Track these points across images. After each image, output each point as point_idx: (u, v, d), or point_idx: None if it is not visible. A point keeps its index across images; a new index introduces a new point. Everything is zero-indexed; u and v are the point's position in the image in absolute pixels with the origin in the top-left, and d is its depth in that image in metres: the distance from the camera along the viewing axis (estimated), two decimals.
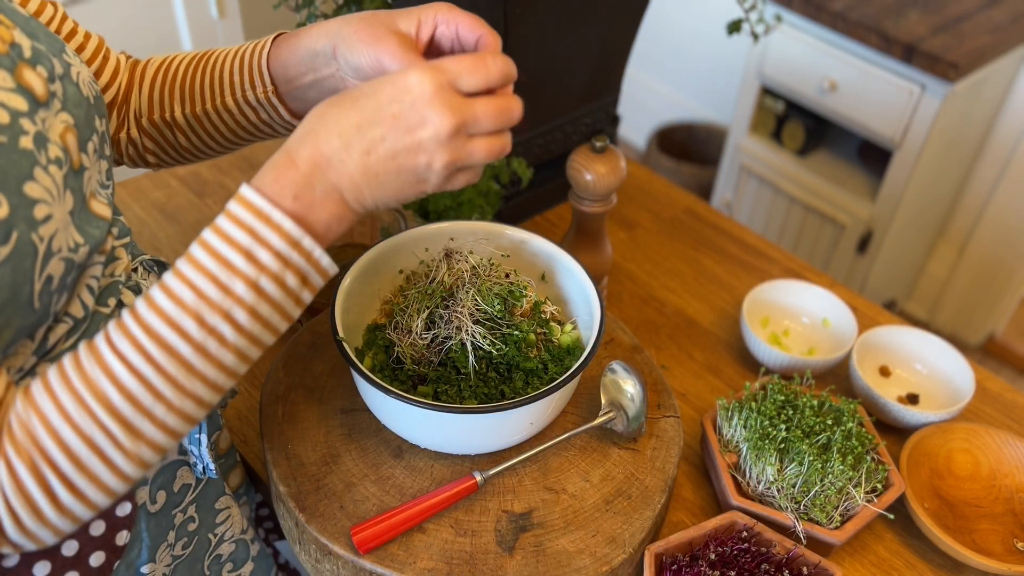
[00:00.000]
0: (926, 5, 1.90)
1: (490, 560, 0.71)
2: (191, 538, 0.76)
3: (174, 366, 0.54)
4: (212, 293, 0.54)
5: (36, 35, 0.62)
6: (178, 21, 2.09)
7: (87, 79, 0.66)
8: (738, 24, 1.19)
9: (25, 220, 0.54)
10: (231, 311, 0.54)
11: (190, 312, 0.54)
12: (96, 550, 0.67)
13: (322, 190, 0.56)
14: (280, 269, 0.55)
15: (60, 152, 0.58)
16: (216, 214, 1.22)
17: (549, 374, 0.78)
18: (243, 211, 0.55)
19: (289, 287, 0.56)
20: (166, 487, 0.72)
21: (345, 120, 0.56)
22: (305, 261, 0.56)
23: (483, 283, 0.79)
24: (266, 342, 0.58)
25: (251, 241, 0.54)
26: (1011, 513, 0.87)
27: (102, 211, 0.64)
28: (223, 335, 0.55)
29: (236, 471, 0.84)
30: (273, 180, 0.56)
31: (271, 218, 0.55)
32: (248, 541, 0.83)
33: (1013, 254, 2.16)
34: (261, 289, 0.55)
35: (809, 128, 2.12)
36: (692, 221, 1.26)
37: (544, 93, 1.10)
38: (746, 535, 0.77)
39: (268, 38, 0.76)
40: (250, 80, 0.75)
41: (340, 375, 0.84)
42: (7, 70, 0.56)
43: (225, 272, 0.54)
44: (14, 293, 0.54)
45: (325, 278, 0.58)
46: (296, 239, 0.55)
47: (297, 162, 0.56)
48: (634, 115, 2.96)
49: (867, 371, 1.01)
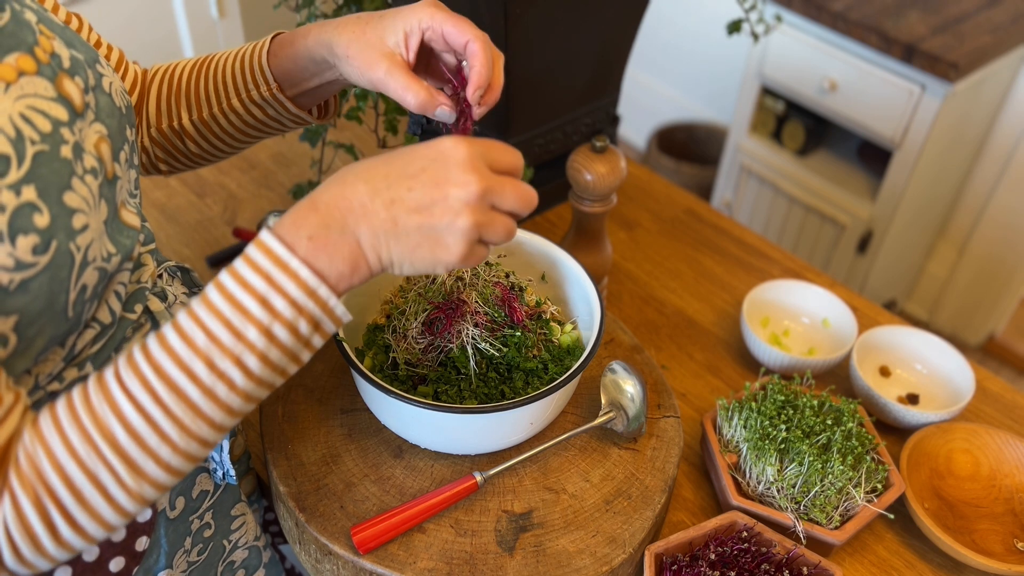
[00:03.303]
0: (926, 5, 1.90)
1: (490, 560, 0.71)
2: (206, 544, 0.76)
3: (181, 408, 0.54)
4: (224, 337, 0.53)
5: (74, 44, 0.62)
6: (178, 21, 2.09)
7: (119, 89, 0.66)
8: (738, 24, 1.19)
9: (64, 229, 0.54)
10: (242, 356, 0.54)
11: (201, 355, 0.53)
12: (116, 555, 0.67)
13: (339, 234, 0.55)
14: (294, 316, 0.54)
15: (95, 162, 0.59)
16: (217, 215, 1.23)
17: (549, 374, 0.78)
18: (261, 256, 0.54)
19: (301, 334, 0.55)
20: (185, 493, 0.72)
21: (375, 171, 0.56)
22: (320, 309, 0.55)
23: (484, 285, 0.79)
24: (274, 385, 0.57)
25: (267, 287, 0.54)
26: (1011, 513, 0.87)
27: (132, 220, 0.64)
28: (232, 380, 0.54)
29: (248, 477, 0.85)
30: (291, 223, 0.55)
31: (288, 265, 0.54)
32: (260, 548, 0.83)
33: (1013, 254, 2.16)
34: (273, 336, 0.54)
35: (809, 128, 2.12)
36: (692, 221, 1.26)
37: (544, 93, 1.10)
38: (746, 535, 0.77)
39: (266, 39, 0.77)
40: (252, 80, 0.76)
41: (340, 375, 0.84)
42: (48, 80, 0.57)
43: (239, 317, 0.53)
44: (50, 302, 0.54)
45: (339, 326, 0.57)
46: (312, 288, 0.54)
47: (318, 206, 0.56)
48: (634, 115, 2.96)
49: (867, 371, 1.01)
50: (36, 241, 0.52)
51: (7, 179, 0.52)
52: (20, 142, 0.53)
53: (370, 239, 0.56)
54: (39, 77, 0.56)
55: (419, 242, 0.56)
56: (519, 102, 1.06)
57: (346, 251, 0.55)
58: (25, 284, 0.52)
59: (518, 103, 1.06)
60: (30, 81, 0.56)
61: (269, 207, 1.24)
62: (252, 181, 1.29)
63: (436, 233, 0.56)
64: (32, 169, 0.53)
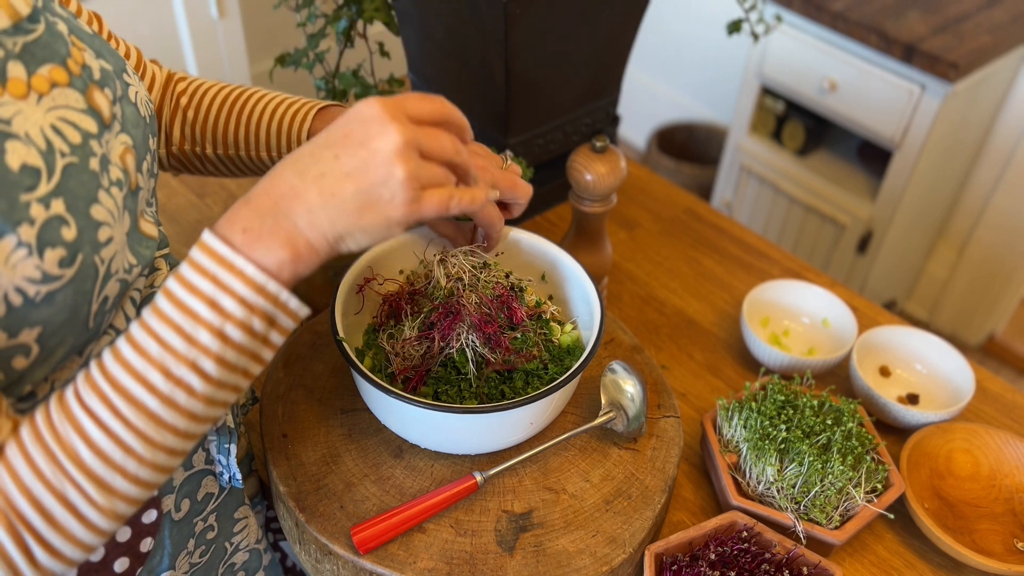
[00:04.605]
0: (926, 5, 1.90)
1: (490, 560, 0.71)
2: (209, 546, 0.76)
3: (142, 420, 0.53)
4: (177, 344, 0.52)
5: (103, 54, 0.63)
6: (178, 21, 2.09)
7: (144, 98, 0.66)
8: (738, 24, 1.19)
9: (90, 243, 0.54)
10: (197, 361, 0.53)
11: (156, 364, 0.52)
12: (120, 556, 0.67)
13: (273, 221, 0.54)
14: (246, 315, 0.53)
15: (121, 174, 0.59)
16: (217, 215, 1.23)
17: (549, 374, 0.78)
18: (203, 256, 0.53)
19: (257, 332, 0.54)
20: (191, 495, 0.72)
21: (299, 154, 0.56)
22: (271, 304, 0.54)
23: (484, 286, 0.79)
24: (238, 387, 0.56)
25: (214, 288, 0.53)
26: (1011, 513, 0.87)
27: (150, 230, 0.64)
28: (191, 385, 0.53)
29: (251, 479, 0.85)
30: (226, 220, 0.55)
31: (232, 263, 0.53)
32: (262, 551, 0.83)
33: (1013, 254, 2.16)
34: (227, 337, 0.53)
35: (809, 128, 2.12)
36: (692, 221, 1.26)
37: (544, 93, 1.10)
38: (746, 535, 0.77)
39: (309, 112, 0.77)
40: (287, 146, 0.77)
41: (340, 375, 0.84)
42: (80, 92, 0.57)
43: (189, 321, 0.53)
44: (73, 314, 0.54)
45: (295, 320, 0.56)
46: (260, 283, 0.53)
47: (250, 199, 0.55)
48: (634, 115, 2.96)
49: (867, 371, 1.01)
50: (63, 254, 0.52)
51: (37, 192, 0.52)
52: (51, 154, 0.53)
53: (308, 218, 0.54)
54: (71, 89, 0.56)
55: (361, 206, 0.54)
56: (519, 102, 1.06)
57: (283, 237, 0.54)
58: (51, 296, 0.52)
59: (518, 103, 1.06)
60: (62, 93, 0.56)
61: None
62: (252, 181, 1.29)
63: (375, 192, 0.54)
64: (62, 182, 0.53)
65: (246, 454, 0.83)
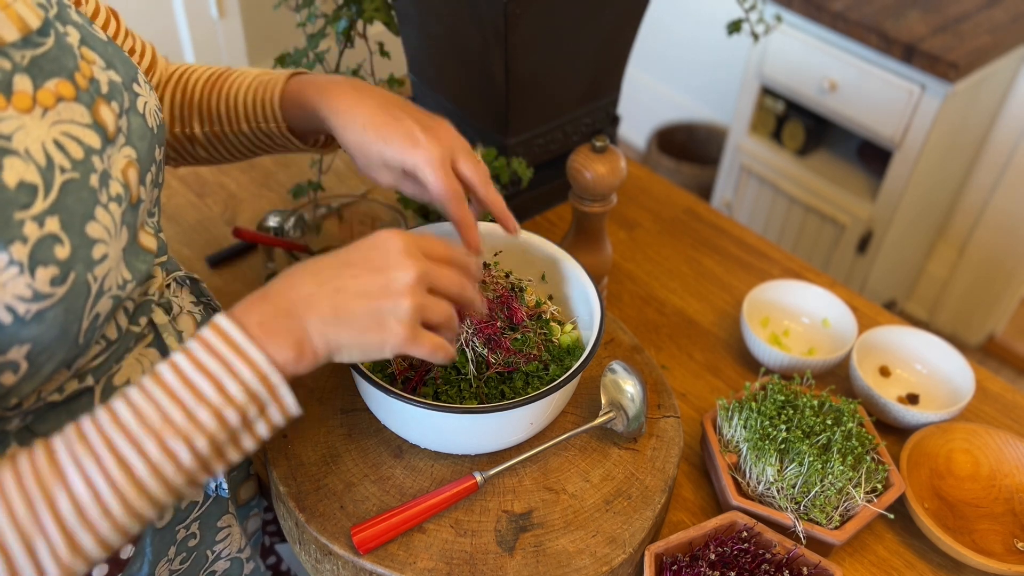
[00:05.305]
0: (926, 5, 1.90)
1: (490, 560, 0.71)
2: (190, 554, 0.76)
3: (127, 483, 0.53)
4: (176, 417, 0.53)
5: (113, 63, 0.62)
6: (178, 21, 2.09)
7: (153, 108, 0.66)
8: (738, 24, 1.19)
9: (83, 261, 0.54)
10: (191, 437, 0.54)
11: (152, 432, 0.53)
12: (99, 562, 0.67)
13: (287, 320, 0.57)
14: (245, 401, 0.55)
15: (121, 188, 0.59)
16: (217, 215, 1.23)
17: (549, 374, 0.78)
18: (218, 340, 0.55)
19: (248, 418, 0.56)
20: (175, 504, 0.72)
21: (320, 265, 0.59)
22: (268, 394, 0.56)
23: (484, 287, 0.79)
24: (214, 470, 0.57)
25: (221, 370, 0.54)
26: (1011, 513, 0.87)
27: (149, 243, 0.64)
28: (180, 459, 0.54)
29: (248, 484, 0.85)
30: (243, 310, 0.57)
31: (243, 349, 0.55)
32: (244, 560, 0.83)
33: (1013, 254, 2.16)
34: (224, 419, 0.54)
35: (809, 128, 2.12)
36: (692, 221, 1.26)
37: (544, 93, 1.10)
38: (746, 535, 0.77)
39: (279, 80, 0.78)
40: (263, 115, 0.78)
41: (340, 375, 0.84)
42: (86, 106, 0.57)
43: (192, 398, 0.54)
44: (63, 331, 0.54)
45: (285, 416, 0.58)
46: (265, 373, 0.55)
47: (269, 296, 0.57)
48: (634, 115, 2.96)
49: (867, 371, 1.01)
50: (55, 273, 0.52)
51: (32, 210, 0.51)
52: (49, 171, 0.53)
53: (319, 327, 0.57)
54: (76, 103, 0.56)
55: (366, 326, 0.58)
56: (519, 102, 1.06)
57: (293, 339, 0.56)
58: (41, 314, 0.52)
59: (518, 103, 1.06)
60: (67, 107, 0.56)
61: (269, 207, 1.24)
62: (252, 181, 1.29)
63: (381, 316, 0.58)
64: (58, 199, 0.53)
65: (243, 460, 0.83)
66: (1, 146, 0.51)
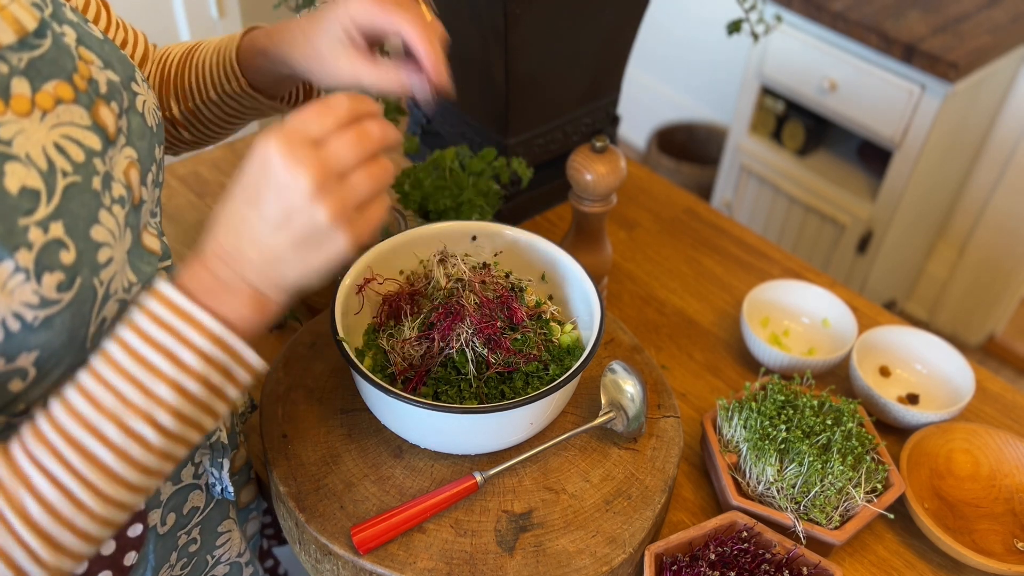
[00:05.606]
0: (926, 5, 1.90)
1: (490, 560, 0.71)
2: (191, 559, 0.76)
3: (95, 474, 0.51)
4: (134, 396, 0.51)
5: (111, 62, 0.61)
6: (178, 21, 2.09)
7: (151, 107, 0.65)
8: (738, 24, 1.19)
9: (89, 265, 0.53)
10: (153, 414, 0.52)
11: (110, 416, 0.51)
12: (104, 570, 0.67)
13: (227, 281, 0.54)
14: (204, 368, 0.52)
15: (123, 190, 0.58)
16: None
17: (549, 374, 0.78)
18: (163, 309, 0.52)
19: (213, 384, 0.54)
20: (176, 509, 0.72)
21: (230, 212, 0.54)
22: (230, 358, 0.54)
23: (483, 288, 0.79)
24: (192, 441, 0.55)
25: (174, 341, 0.52)
26: (1011, 513, 0.87)
27: (152, 244, 0.63)
28: (146, 439, 0.52)
29: (248, 487, 0.85)
30: (188, 276, 0.54)
31: (193, 317, 0.52)
32: (243, 564, 0.83)
33: (1013, 254, 2.16)
34: (185, 390, 0.52)
35: (809, 128, 2.12)
36: (692, 221, 1.27)
37: (544, 93, 1.10)
38: (746, 535, 0.77)
39: (236, 36, 0.78)
40: (224, 75, 0.77)
41: (340, 375, 0.84)
42: (85, 108, 0.56)
43: (147, 374, 0.51)
44: (71, 337, 0.53)
45: (252, 375, 0.55)
46: (219, 336, 0.52)
47: (202, 257, 0.54)
48: (634, 115, 2.96)
49: (867, 371, 1.01)
50: (61, 278, 0.51)
51: (36, 215, 0.51)
52: (51, 175, 0.52)
53: (259, 278, 0.54)
54: (76, 105, 0.55)
55: (302, 255, 0.53)
56: (519, 102, 1.06)
57: (239, 291, 0.53)
58: (48, 321, 0.51)
59: (518, 103, 1.06)
60: (67, 109, 0.55)
61: None
62: None
63: (307, 237, 0.52)
64: (62, 204, 0.52)
65: (244, 463, 0.83)
66: (1, 151, 0.50)
